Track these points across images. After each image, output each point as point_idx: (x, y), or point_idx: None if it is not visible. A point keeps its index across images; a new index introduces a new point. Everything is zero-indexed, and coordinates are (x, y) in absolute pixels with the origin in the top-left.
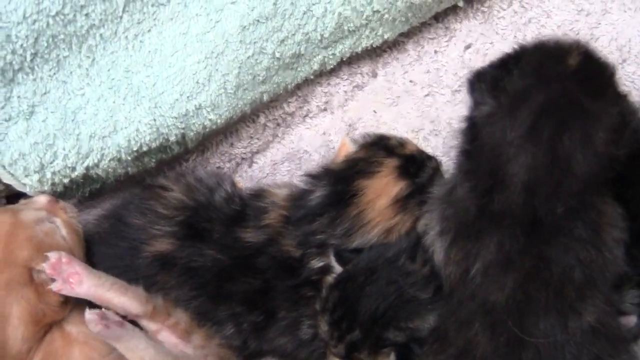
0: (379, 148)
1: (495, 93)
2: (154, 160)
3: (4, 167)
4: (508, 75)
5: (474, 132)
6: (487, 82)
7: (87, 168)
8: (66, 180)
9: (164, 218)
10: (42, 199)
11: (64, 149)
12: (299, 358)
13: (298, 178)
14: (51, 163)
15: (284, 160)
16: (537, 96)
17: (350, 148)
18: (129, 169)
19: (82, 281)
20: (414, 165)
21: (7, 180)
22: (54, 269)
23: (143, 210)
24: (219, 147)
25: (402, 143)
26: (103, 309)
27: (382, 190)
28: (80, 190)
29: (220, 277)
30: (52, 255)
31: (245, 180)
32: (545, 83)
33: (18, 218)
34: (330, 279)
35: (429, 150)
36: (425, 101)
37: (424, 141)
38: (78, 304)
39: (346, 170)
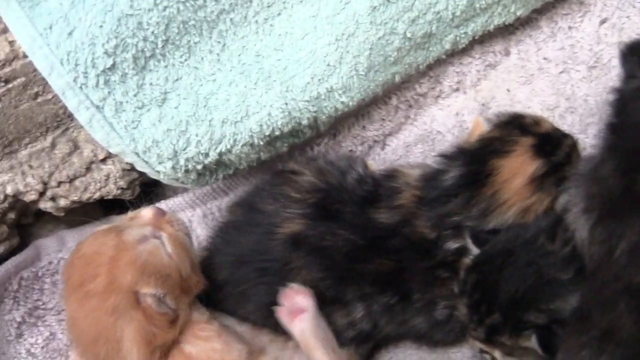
0: (514, 127)
1: None
2: (286, 145)
3: (137, 154)
4: None
5: (621, 106)
6: (639, 54)
7: (220, 154)
8: (199, 167)
9: (297, 202)
10: (148, 213)
11: (196, 135)
12: (434, 339)
13: (431, 159)
14: (184, 149)
15: (417, 142)
16: None
17: (484, 128)
18: (262, 154)
19: (303, 320)
20: (550, 143)
21: (141, 167)
22: (286, 297)
23: (275, 197)
24: (350, 130)
25: (537, 121)
26: None
27: (518, 169)
28: (213, 177)
29: (350, 258)
30: (292, 286)
31: (378, 163)
32: None
33: (121, 239)
34: (467, 260)
35: (564, 128)
36: (560, 78)
37: (559, 119)
38: (191, 324)
39: (480, 149)
